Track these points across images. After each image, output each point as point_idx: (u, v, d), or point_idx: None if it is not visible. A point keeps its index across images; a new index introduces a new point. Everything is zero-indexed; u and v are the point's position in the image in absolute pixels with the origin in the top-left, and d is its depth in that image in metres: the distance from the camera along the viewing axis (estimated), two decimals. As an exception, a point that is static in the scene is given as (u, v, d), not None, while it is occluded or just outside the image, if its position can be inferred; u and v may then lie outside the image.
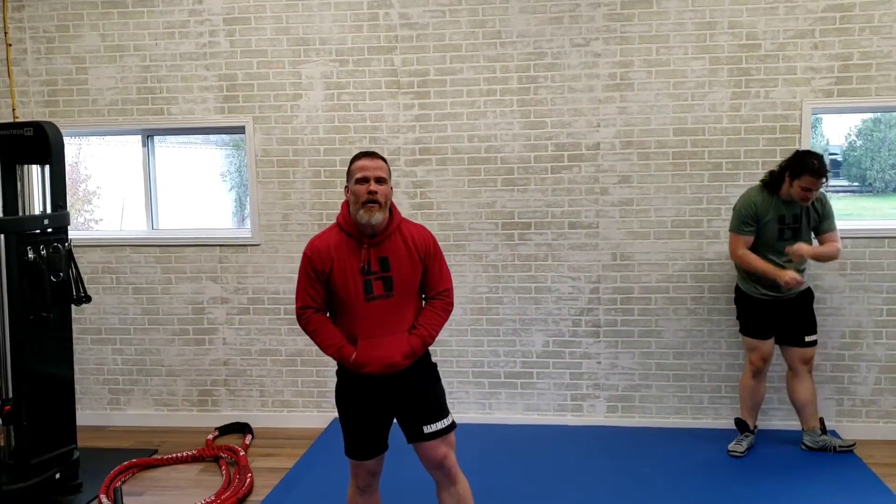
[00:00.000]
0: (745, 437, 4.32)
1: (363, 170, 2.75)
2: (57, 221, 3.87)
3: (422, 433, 2.82)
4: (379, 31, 4.75)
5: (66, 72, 5.01)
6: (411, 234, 2.86)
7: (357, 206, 2.72)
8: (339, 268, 2.74)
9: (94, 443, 4.71)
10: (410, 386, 2.84)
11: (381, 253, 2.77)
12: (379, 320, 2.76)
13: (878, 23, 4.40)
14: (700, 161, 4.61)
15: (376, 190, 2.71)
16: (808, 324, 4.19)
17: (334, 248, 2.76)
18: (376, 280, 2.75)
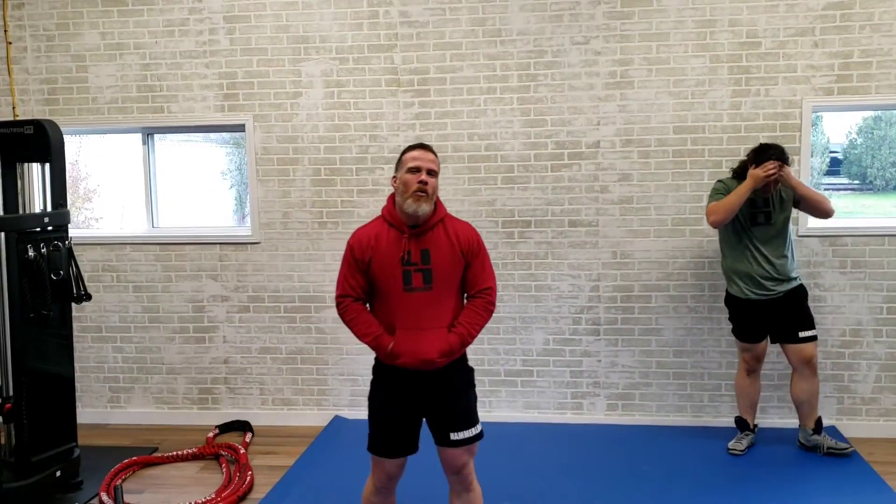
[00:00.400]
0: (746, 435, 4.31)
1: (416, 160, 2.77)
2: (57, 219, 3.88)
3: (448, 439, 2.82)
4: (379, 29, 4.75)
5: (66, 70, 5.01)
6: (455, 229, 2.84)
7: (406, 195, 2.73)
8: (379, 257, 2.75)
9: (94, 441, 4.71)
10: (444, 389, 2.82)
11: (422, 245, 2.76)
12: (417, 312, 2.74)
13: (879, 20, 4.40)
14: (700, 159, 4.61)
15: (427, 181, 2.74)
16: (801, 319, 4.12)
17: (375, 238, 2.77)
18: (416, 272, 2.74)
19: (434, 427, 2.86)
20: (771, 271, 4.06)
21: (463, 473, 2.88)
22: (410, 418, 2.85)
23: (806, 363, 4.12)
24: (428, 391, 2.81)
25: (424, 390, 2.81)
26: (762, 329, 4.19)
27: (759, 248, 4.07)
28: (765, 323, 4.17)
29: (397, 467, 2.89)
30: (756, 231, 4.08)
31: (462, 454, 2.85)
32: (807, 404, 4.18)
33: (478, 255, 2.86)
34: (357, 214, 4.86)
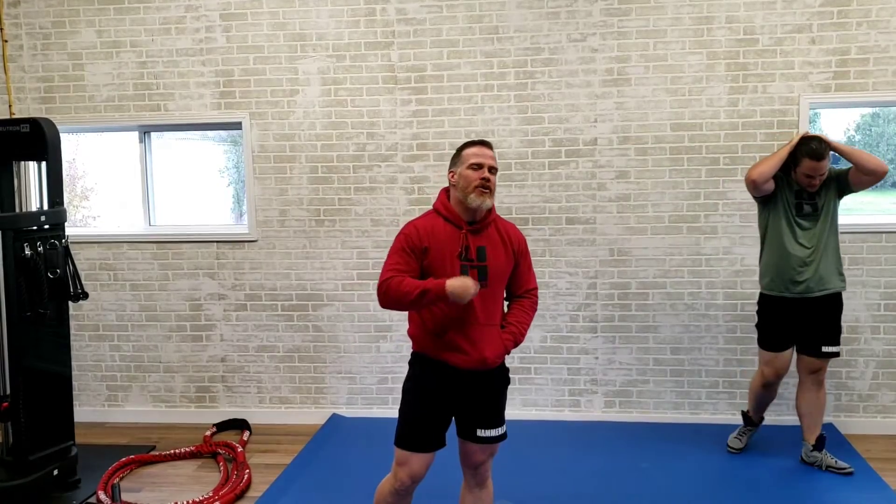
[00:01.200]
0: (748, 430, 4.25)
1: (478, 156, 2.75)
2: (54, 218, 3.87)
3: (474, 435, 2.81)
4: (376, 27, 4.74)
5: (63, 68, 5.00)
6: (506, 229, 2.86)
7: (469, 189, 2.72)
8: (437, 249, 2.71)
9: (92, 439, 4.71)
10: (484, 386, 2.82)
11: (478, 242, 2.76)
12: (471, 310, 2.71)
13: (876, 17, 4.40)
14: (697, 156, 4.60)
15: (490, 178, 2.74)
16: (829, 332, 3.89)
17: (431, 230, 2.74)
18: (472, 268, 2.72)
19: (462, 420, 2.84)
20: (811, 268, 3.81)
21: (480, 470, 2.88)
22: (445, 413, 2.81)
23: (814, 374, 3.94)
24: (469, 387, 2.78)
25: (465, 386, 2.78)
26: (789, 336, 3.94)
27: (803, 242, 3.82)
28: (793, 329, 3.92)
29: (425, 466, 2.80)
30: (798, 223, 3.83)
31: (484, 451, 2.85)
32: (808, 417, 3.99)
33: (525, 255, 2.92)
34: (354, 212, 4.86)
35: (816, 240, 3.82)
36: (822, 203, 3.82)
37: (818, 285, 3.83)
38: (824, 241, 3.82)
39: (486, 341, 2.74)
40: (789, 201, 3.84)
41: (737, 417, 4.68)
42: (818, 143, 3.69)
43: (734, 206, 4.60)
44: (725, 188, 4.59)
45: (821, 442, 3.98)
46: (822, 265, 3.82)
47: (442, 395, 2.78)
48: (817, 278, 3.82)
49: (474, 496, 2.92)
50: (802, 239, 3.82)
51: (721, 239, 4.62)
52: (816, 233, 3.82)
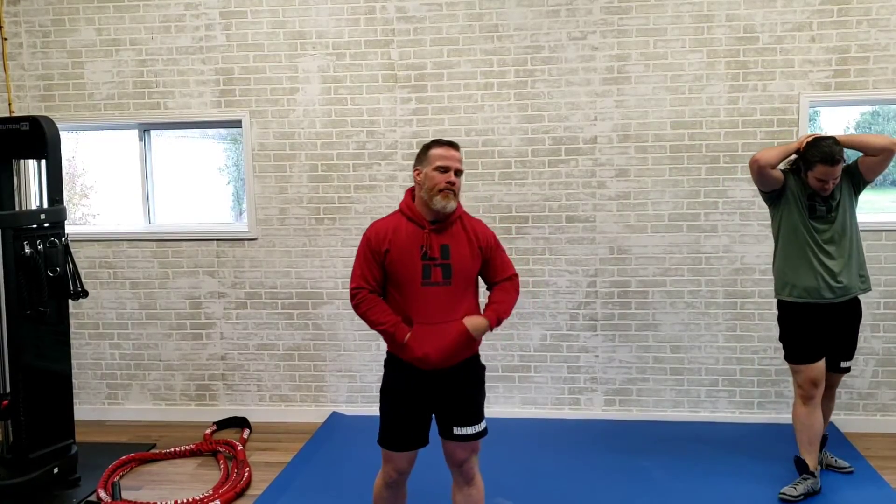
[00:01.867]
0: (804, 479, 3.66)
1: (445, 159, 2.77)
2: (53, 216, 3.87)
3: (451, 433, 2.85)
4: (376, 25, 4.74)
5: (62, 66, 5.00)
6: (473, 226, 2.89)
7: (433, 192, 2.74)
8: (398, 249, 2.75)
9: (92, 437, 4.71)
10: (456, 383, 2.84)
11: (442, 240, 2.78)
12: (434, 307, 2.75)
13: (876, 15, 4.39)
14: (697, 154, 4.60)
15: (455, 181, 2.77)
16: (848, 347, 3.74)
17: (393, 231, 2.79)
18: (435, 266, 2.76)
19: (440, 419, 2.88)
20: (830, 276, 3.56)
21: (465, 468, 2.90)
22: (422, 412, 2.85)
23: (830, 387, 3.79)
24: (440, 385, 2.82)
25: (437, 384, 2.81)
26: (819, 344, 3.65)
27: (821, 244, 3.57)
28: (820, 337, 3.65)
29: (408, 462, 2.89)
30: (817, 224, 3.58)
31: (464, 449, 2.87)
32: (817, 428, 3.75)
33: (496, 248, 2.94)
34: (354, 210, 4.86)
35: (836, 242, 3.57)
36: (835, 203, 3.58)
37: (843, 291, 3.59)
38: (847, 243, 3.58)
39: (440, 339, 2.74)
40: (802, 202, 3.59)
41: (735, 415, 4.70)
42: (832, 146, 3.45)
43: (734, 204, 4.60)
44: (725, 186, 4.59)
45: (822, 441, 3.89)
46: (845, 269, 3.58)
47: (413, 395, 2.82)
48: (841, 284, 3.57)
49: (464, 494, 2.94)
50: (821, 241, 3.57)
51: (721, 237, 4.62)
52: (835, 234, 3.57)
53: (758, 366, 4.67)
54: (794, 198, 3.61)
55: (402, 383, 2.84)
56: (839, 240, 3.58)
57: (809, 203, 3.59)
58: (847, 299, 3.63)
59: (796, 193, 3.61)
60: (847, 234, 3.59)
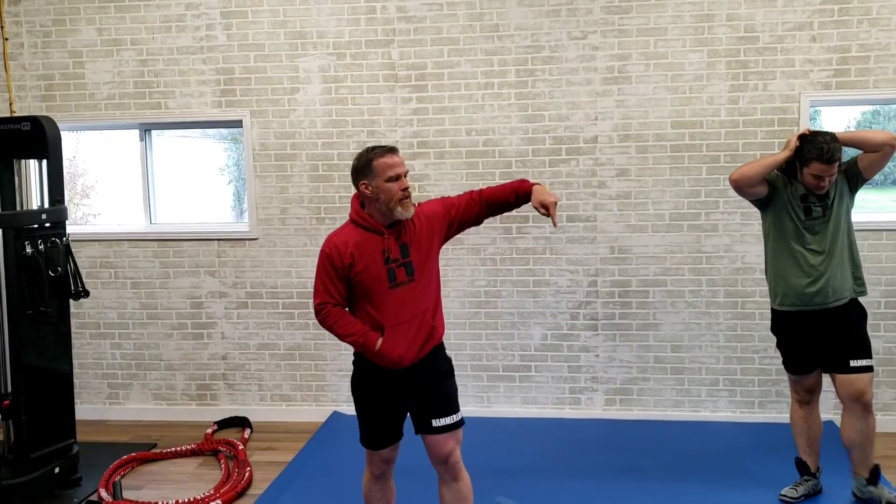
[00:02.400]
0: (805, 480, 3.65)
1: (392, 168, 2.77)
2: (54, 216, 3.87)
3: (430, 426, 2.85)
4: (376, 25, 4.74)
5: (63, 66, 5.00)
6: (424, 213, 2.90)
7: (393, 203, 2.75)
8: (361, 260, 2.76)
9: (93, 437, 4.71)
10: (425, 377, 2.87)
11: (401, 240, 2.82)
12: (403, 306, 2.79)
13: (877, 15, 4.39)
14: (698, 154, 4.60)
15: (408, 185, 2.79)
16: (852, 343, 3.43)
17: (353, 244, 2.78)
18: (398, 267, 2.79)
19: (416, 416, 2.89)
20: (825, 277, 3.39)
21: (450, 462, 2.89)
22: (396, 410, 2.89)
23: (856, 399, 3.41)
24: (409, 381, 2.85)
25: (407, 380, 2.85)
26: (810, 355, 3.54)
27: (812, 247, 3.40)
28: (813, 346, 3.51)
29: (392, 451, 2.95)
30: (811, 225, 3.40)
31: (447, 440, 2.86)
32: (859, 448, 3.48)
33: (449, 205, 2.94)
34: (355, 210, 4.85)
35: (829, 244, 3.39)
36: (830, 202, 3.38)
37: (835, 294, 3.41)
38: (839, 245, 3.40)
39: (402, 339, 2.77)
40: (793, 204, 3.42)
41: (736, 415, 4.70)
42: (829, 142, 3.27)
43: (735, 203, 4.59)
44: (726, 186, 4.58)
45: (875, 474, 3.49)
46: (837, 271, 3.39)
47: (384, 393, 2.86)
48: (833, 287, 3.39)
49: (452, 491, 2.93)
50: (813, 244, 3.40)
51: (722, 237, 4.63)
52: (828, 236, 3.39)
53: (758, 365, 4.67)
54: (785, 200, 3.44)
55: (373, 383, 2.87)
56: (831, 241, 3.39)
57: (804, 204, 3.40)
58: (841, 304, 3.43)
59: (786, 196, 3.44)
60: (840, 235, 3.40)
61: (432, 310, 2.88)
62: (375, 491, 3.01)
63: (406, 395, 2.87)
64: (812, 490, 3.64)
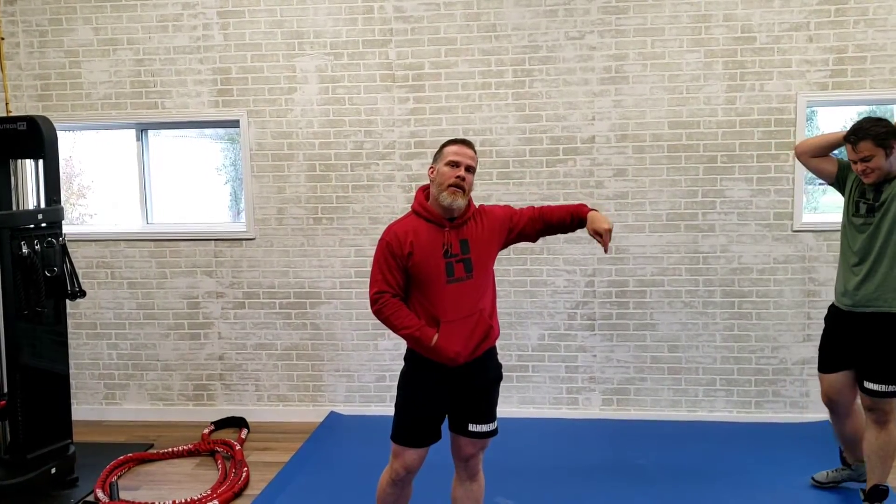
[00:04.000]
0: (840, 469, 3.67)
1: (456, 154, 2.78)
2: (51, 216, 3.86)
3: (465, 429, 2.85)
4: (373, 25, 4.73)
5: (60, 66, 4.99)
6: (487, 212, 2.90)
7: (442, 187, 2.75)
8: (420, 250, 2.74)
9: (89, 437, 4.70)
10: (476, 380, 2.85)
11: (461, 235, 2.80)
12: (459, 302, 2.76)
13: (873, 15, 4.40)
14: (695, 154, 4.61)
15: (465, 177, 2.76)
16: (874, 364, 3.24)
17: (413, 233, 2.76)
18: (457, 262, 2.76)
19: (455, 414, 2.87)
20: (855, 280, 3.27)
21: (471, 463, 2.92)
22: (440, 409, 2.86)
23: (868, 410, 3.30)
24: (461, 381, 2.82)
25: (458, 381, 2.82)
26: (838, 356, 3.41)
27: (852, 245, 3.31)
28: (845, 349, 3.38)
29: (419, 459, 2.87)
30: (854, 223, 3.31)
31: (474, 445, 2.89)
32: (867, 459, 3.35)
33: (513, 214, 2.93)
34: (352, 210, 4.86)
35: (868, 246, 3.23)
36: (879, 204, 3.20)
37: (866, 301, 3.26)
38: (877, 249, 3.20)
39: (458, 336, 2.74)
40: (852, 196, 3.32)
41: (733, 415, 4.71)
42: (864, 124, 3.17)
43: (731, 203, 4.60)
44: (723, 186, 4.60)
45: (875, 494, 3.33)
46: (872, 277, 3.23)
47: (434, 391, 2.82)
48: (865, 292, 3.25)
49: (465, 489, 2.95)
50: (854, 242, 3.29)
51: (718, 237, 4.63)
52: (870, 237, 3.22)
53: (755, 365, 4.67)
54: (849, 191, 3.35)
55: (425, 380, 2.83)
56: (875, 245, 3.21)
57: (857, 200, 3.29)
58: (870, 312, 3.25)
59: (851, 187, 3.34)
60: (890, 243, 3.18)
61: (489, 310, 2.85)
62: (390, 494, 2.94)
63: (455, 394, 2.84)
64: (840, 480, 3.65)
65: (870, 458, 3.32)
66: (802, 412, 4.65)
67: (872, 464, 3.31)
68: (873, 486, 3.31)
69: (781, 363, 4.65)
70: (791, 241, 4.58)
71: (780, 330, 4.63)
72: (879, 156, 3.13)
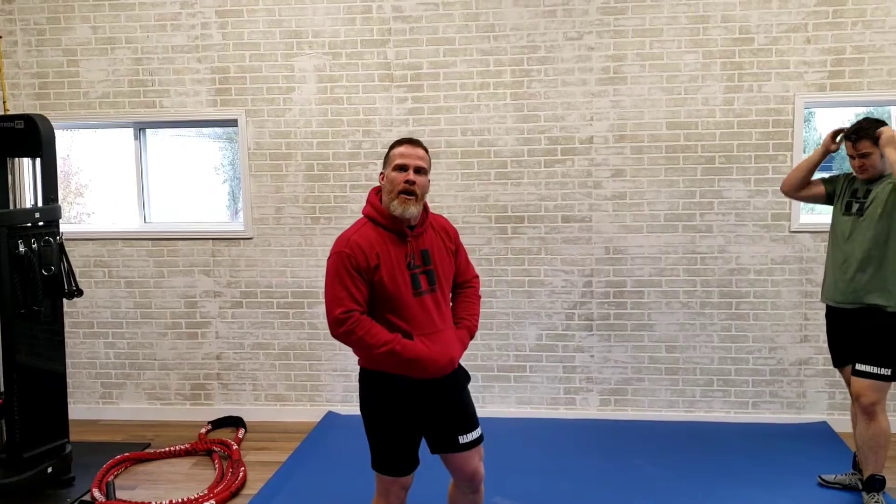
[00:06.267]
0: (846, 474, 3.74)
1: (403, 157, 2.55)
2: (48, 215, 3.85)
3: (456, 443, 2.67)
4: (372, 24, 4.73)
5: (57, 64, 4.98)
6: (439, 223, 2.73)
7: (391, 195, 2.53)
8: (386, 263, 2.51)
9: (86, 437, 4.70)
10: (449, 393, 2.67)
11: (422, 246, 2.61)
12: (428, 316, 2.57)
13: (871, 17, 4.41)
14: (693, 155, 4.61)
15: (415, 180, 2.53)
16: (866, 347, 3.38)
17: (377, 244, 2.52)
18: (421, 274, 2.58)
19: (438, 435, 2.69)
20: (846, 277, 3.43)
21: (476, 479, 2.76)
22: (418, 432, 2.67)
23: (855, 399, 3.43)
24: (434, 398, 2.63)
25: (431, 397, 2.63)
26: (842, 349, 3.57)
27: (842, 244, 3.45)
28: (842, 342, 3.55)
29: (410, 482, 2.70)
30: (846, 222, 3.45)
31: (472, 457, 2.72)
32: (859, 450, 3.50)
33: (460, 245, 2.79)
34: (350, 210, 4.85)
35: (857, 245, 3.38)
36: (868, 203, 3.38)
37: (855, 297, 3.41)
38: (867, 249, 3.34)
39: (448, 343, 2.61)
40: (843, 197, 3.51)
41: (730, 415, 4.72)
42: (863, 122, 3.38)
43: (729, 204, 4.61)
44: (720, 187, 4.60)
45: (871, 484, 3.43)
46: (861, 274, 3.37)
47: (413, 410, 2.62)
48: (853, 288, 3.41)
49: (467, 500, 2.83)
50: (843, 240, 3.45)
51: (716, 237, 4.64)
52: (859, 237, 3.38)
53: (752, 366, 4.68)
54: (839, 194, 3.55)
55: (400, 399, 2.60)
56: (863, 244, 3.35)
57: (849, 200, 3.49)
58: (862, 307, 3.40)
59: (842, 189, 3.55)
60: (877, 243, 3.33)
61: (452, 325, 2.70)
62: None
63: (429, 412, 2.64)
64: (847, 483, 3.69)
65: (861, 450, 3.46)
66: (799, 413, 4.66)
67: (865, 455, 3.44)
68: (869, 476, 3.44)
69: (779, 364, 4.66)
70: (788, 241, 4.59)
71: (778, 330, 4.64)
72: (876, 154, 3.36)
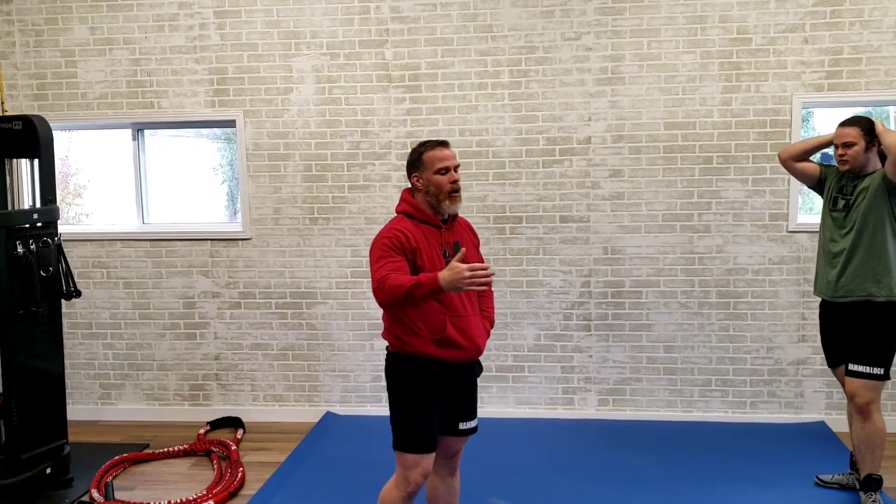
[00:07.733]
0: (843, 474, 3.74)
1: (444, 160, 2.75)
2: (46, 216, 3.85)
3: (455, 428, 2.88)
4: (370, 25, 4.73)
5: (55, 65, 4.98)
6: (463, 221, 2.98)
7: (442, 195, 2.75)
8: (425, 249, 2.72)
9: (85, 437, 4.69)
10: (469, 377, 2.90)
11: (453, 237, 2.84)
12: (461, 301, 2.76)
13: (869, 17, 4.42)
14: (691, 155, 4.62)
15: (458, 179, 2.78)
16: (858, 347, 3.40)
17: (416, 232, 2.73)
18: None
19: (444, 418, 2.85)
20: (834, 272, 3.46)
21: (455, 459, 2.98)
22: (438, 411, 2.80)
23: (850, 399, 3.47)
24: (459, 381, 2.85)
25: (458, 380, 2.84)
26: (835, 349, 3.59)
27: (833, 238, 3.48)
28: (836, 339, 3.57)
29: (432, 462, 2.79)
30: (833, 217, 3.50)
31: (460, 441, 2.94)
32: (856, 450, 3.52)
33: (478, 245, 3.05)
34: (348, 210, 4.86)
35: (846, 238, 3.41)
36: (854, 198, 3.41)
37: (845, 291, 3.43)
38: (854, 241, 3.38)
39: (475, 331, 2.81)
40: (831, 193, 3.54)
41: (728, 415, 4.72)
42: (855, 115, 3.49)
43: (727, 204, 4.61)
44: (718, 187, 4.61)
45: (868, 483, 3.44)
46: (850, 268, 3.39)
47: (439, 392, 2.78)
48: (843, 282, 3.42)
49: (447, 485, 2.99)
50: (833, 235, 3.48)
51: (714, 237, 4.64)
52: (848, 231, 3.41)
53: (750, 366, 4.69)
54: (829, 188, 3.57)
55: (430, 380, 2.74)
56: (852, 237, 3.39)
57: (835, 195, 3.51)
58: (850, 301, 3.42)
59: (830, 183, 3.57)
60: (864, 234, 3.36)
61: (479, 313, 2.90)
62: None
63: (451, 395, 2.82)
64: (845, 483, 3.70)
65: (858, 449, 3.48)
66: (797, 412, 4.67)
67: (861, 454, 3.46)
68: (866, 475, 3.44)
69: (777, 364, 4.66)
70: (786, 241, 4.60)
71: (776, 330, 4.65)
72: (860, 146, 3.39)
